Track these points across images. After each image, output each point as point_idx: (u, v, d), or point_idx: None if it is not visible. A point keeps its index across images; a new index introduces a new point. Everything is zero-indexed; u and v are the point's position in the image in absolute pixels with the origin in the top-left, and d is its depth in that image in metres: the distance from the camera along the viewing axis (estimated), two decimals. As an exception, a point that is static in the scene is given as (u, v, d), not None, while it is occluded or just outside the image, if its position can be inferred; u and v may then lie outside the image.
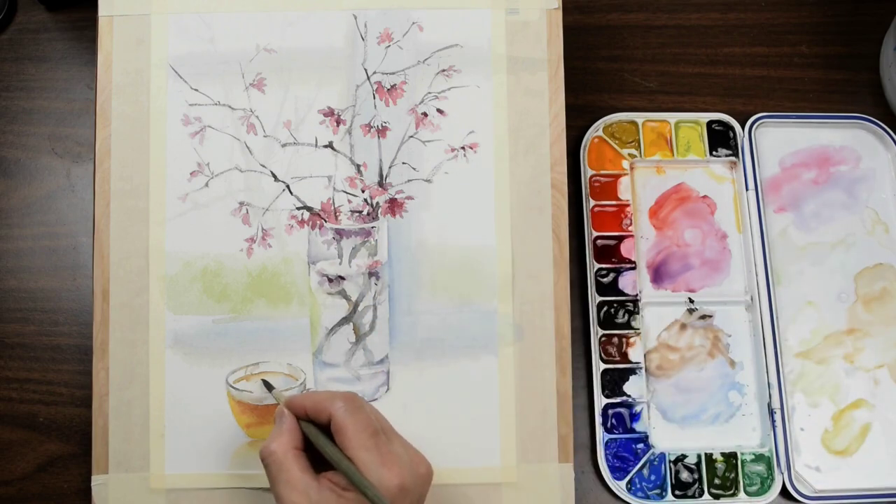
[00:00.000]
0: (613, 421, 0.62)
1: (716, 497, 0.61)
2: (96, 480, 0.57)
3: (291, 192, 0.59)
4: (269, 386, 0.56)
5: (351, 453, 0.48)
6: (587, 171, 0.67)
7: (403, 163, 0.60)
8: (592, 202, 0.66)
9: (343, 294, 0.59)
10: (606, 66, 0.70)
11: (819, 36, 0.72)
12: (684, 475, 0.62)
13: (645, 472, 0.62)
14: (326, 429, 0.50)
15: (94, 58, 0.60)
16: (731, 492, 0.61)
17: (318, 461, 0.50)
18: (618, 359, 0.63)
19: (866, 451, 0.63)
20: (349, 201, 0.59)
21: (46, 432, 0.62)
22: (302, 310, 0.59)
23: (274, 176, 0.59)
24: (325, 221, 0.59)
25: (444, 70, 0.60)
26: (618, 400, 0.63)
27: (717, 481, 0.62)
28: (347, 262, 0.59)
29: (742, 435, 0.63)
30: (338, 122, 0.60)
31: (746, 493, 0.61)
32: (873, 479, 0.63)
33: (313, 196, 0.59)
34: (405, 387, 0.58)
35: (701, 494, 0.61)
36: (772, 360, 0.63)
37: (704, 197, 0.67)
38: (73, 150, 0.67)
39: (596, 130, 0.67)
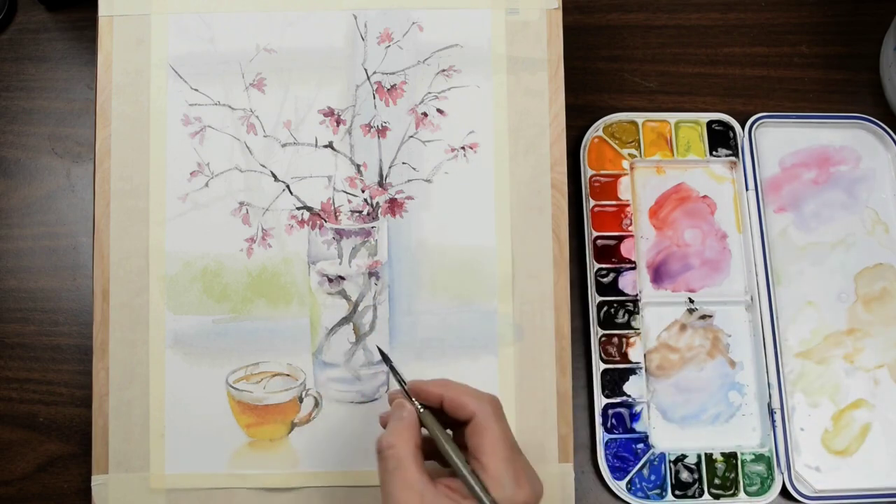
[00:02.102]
0: (613, 421, 0.62)
1: (716, 497, 0.61)
2: (96, 480, 0.57)
3: (291, 192, 0.59)
4: (387, 359, 0.51)
5: (486, 460, 0.46)
6: (587, 171, 0.67)
7: (403, 163, 0.60)
8: (592, 202, 0.66)
9: (343, 294, 0.59)
10: (606, 66, 0.70)
11: (819, 36, 0.72)
12: (684, 475, 0.62)
13: (645, 472, 0.62)
14: (449, 424, 0.48)
15: (94, 58, 0.60)
16: (731, 492, 0.61)
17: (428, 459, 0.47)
18: (618, 359, 0.63)
19: (866, 451, 0.63)
20: (349, 201, 0.59)
21: (46, 432, 0.62)
22: (302, 310, 0.59)
23: (274, 176, 0.59)
24: (325, 221, 0.59)
25: (444, 70, 0.60)
26: (618, 400, 0.63)
27: (717, 481, 0.62)
28: (347, 262, 0.59)
29: (742, 435, 0.63)
30: (338, 122, 0.60)
31: (746, 493, 0.61)
32: (873, 479, 0.63)
33: (313, 196, 0.59)
34: (405, 387, 0.58)
35: (701, 494, 0.61)
36: (772, 360, 0.63)
37: (704, 197, 0.67)
38: (73, 150, 0.67)
39: (596, 130, 0.67)
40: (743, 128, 0.68)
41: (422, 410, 0.48)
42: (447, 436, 0.47)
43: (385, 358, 0.52)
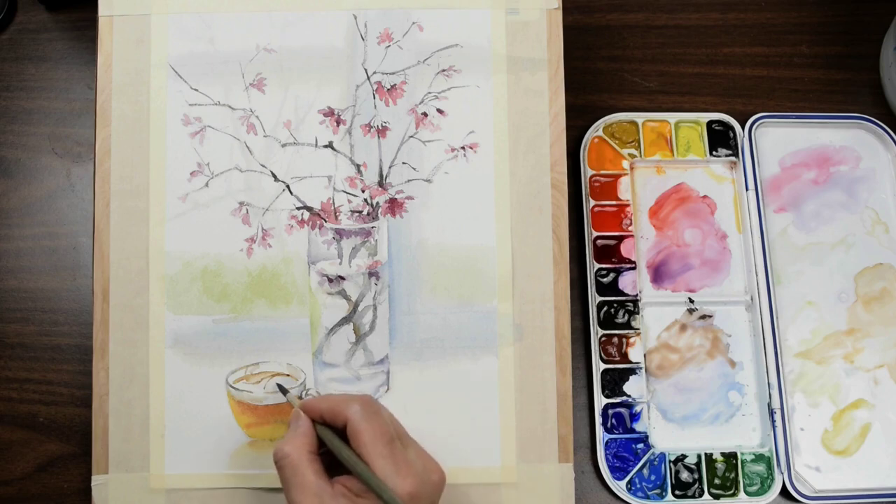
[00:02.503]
0: (613, 421, 0.62)
1: (716, 497, 0.61)
2: (96, 480, 0.57)
3: (291, 192, 0.59)
4: (283, 389, 0.56)
5: (365, 459, 0.48)
6: (587, 171, 0.67)
7: (403, 163, 0.60)
8: (592, 202, 0.66)
9: (343, 294, 0.59)
10: (606, 66, 0.70)
11: (819, 36, 0.72)
12: (684, 475, 0.62)
13: (645, 472, 0.62)
14: (342, 433, 0.50)
15: (94, 58, 0.60)
16: (731, 492, 0.61)
17: (330, 466, 0.50)
18: (618, 359, 0.63)
19: (866, 451, 0.63)
20: (349, 201, 0.59)
21: (46, 432, 0.62)
22: (302, 310, 0.59)
23: (274, 176, 0.59)
24: (325, 221, 0.59)
25: (444, 70, 0.60)
26: (618, 400, 0.63)
27: (717, 481, 0.62)
28: (347, 262, 0.59)
29: (742, 435, 0.63)
30: (338, 122, 0.60)
31: (746, 493, 0.61)
32: (873, 479, 0.63)
33: (313, 196, 0.59)
34: (405, 387, 0.58)
35: (701, 494, 0.61)
36: (772, 360, 0.63)
37: (704, 197, 0.67)
38: (73, 150, 0.67)
39: (596, 130, 0.67)
40: (743, 128, 0.68)
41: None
42: (337, 438, 0.50)
43: (281, 388, 0.55)
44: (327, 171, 0.59)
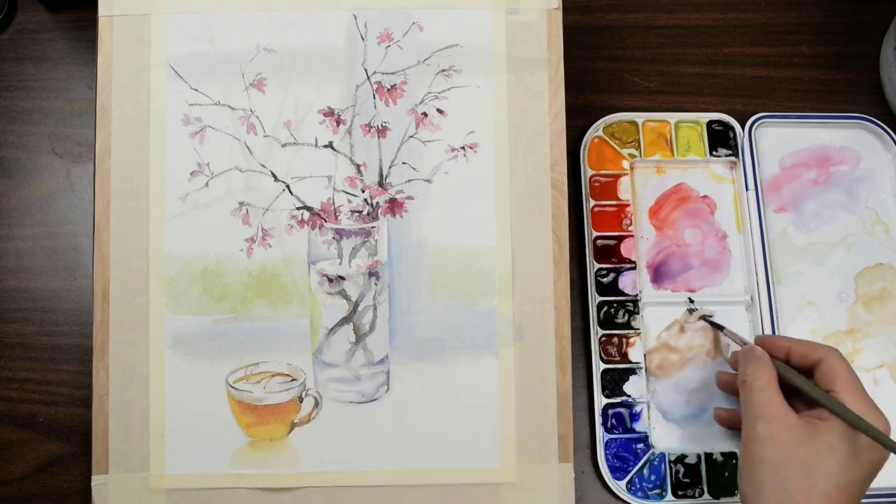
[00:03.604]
0: (613, 421, 0.62)
1: (716, 497, 0.61)
2: (96, 480, 0.57)
3: (291, 192, 0.59)
4: (717, 326, 0.60)
5: (843, 395, 0.51)
6: (587, 171, 0.67)
7: (403, 163, 0.60)
8: (592, 202, 0.66)
9: (343, 294, 0.59)
10: (606, 66, 0.70)
11: (819, 36, 0.72)
12: (684, 475, 0.62)
13: (645, 472, 0.62)
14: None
15: (94, 58, 0.60)
16: (732, 492, 0.61)
17: None
18: (618, 359, 0.63)
19: (866, 451, 0.63)
20: (349, 201, 0.59)
21: (46, 432, 0.62)
22: (302, 310, 0.59)
23: (274, 176, 0.59)
24: (325, 221, 0.59)
25: (444, 70, 0.60)
26: (618, 400, 0.63)
27: (717, 481, 0.62)
28: (347, 262, 0.59)
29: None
30: (338, 122, 0.60)
31: (746, 493, 0.61)
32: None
33: (313, 196, 0.59)
34: (405, 387, 0.58)
35: (701, 494, 0.61)
36: (772, 360, 0.63)
37: (704, 197, 0.67)
38: (73, 150, 0.67)
39: (596, 130, 0.67)
40: (743, 128, 0.68)
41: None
42: (798, 374, 0.54)
43: (714, 324, 0.62)
44: (327, 171, 0.59)
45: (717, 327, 0.62)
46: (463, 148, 0.60)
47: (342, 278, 0.59)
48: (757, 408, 0.52)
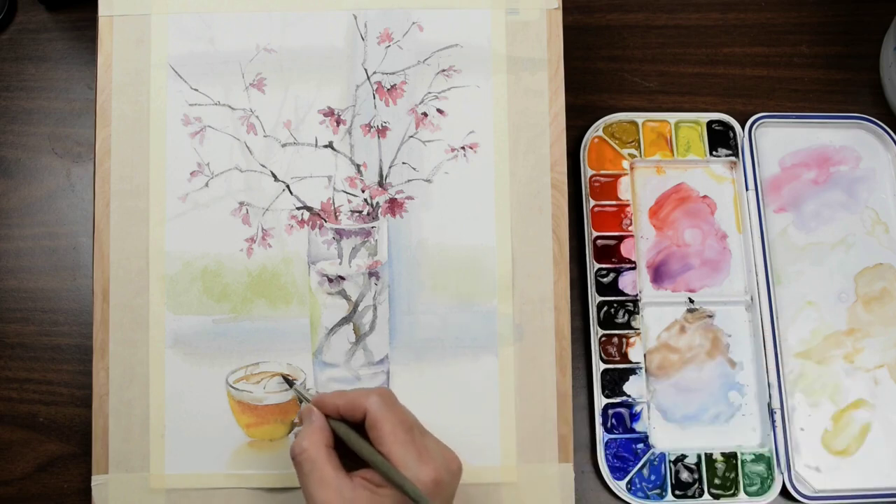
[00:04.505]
0: (613, 421, 0.62)
1: (716, 497, 0.61)
2: (96, 480, 0.57)
3: (291, 192, 0.59)
4: (289, 381, 0.56)
5: (386, 448, 0.48)
6: (587, 171, 0.67)
7: (403, 163, 0.60)
8: (592, 202, 0.66)
9: (343, 294, 0.59)
10: (606, 66, 0.70)
11: (819, 36, 0.72)
12: (684, 475, 0.62)
13: (645, 472, 0.62)
14: (357, 427, 0.50)
15: (94, 58, 0.60)
16: (731, 492, 0.61)
17: (347, 460, 0.49)
18: (618, 359, 0.63)
19: (866, 451, 0.63)
20: (349, 201, 0.59)
21: (46, 432, 0.62)
22: (302, 310, 0.59)
23: (274, 176, 0.59)
24: (325, 221, 0.59)
25: (444, 70, 0.60)
26: (618, 400, 0.63)
27: (717, 481, 0.62)
28: (347, 262, 0.59)
29: (742, 435, 0.63)
30: (338, 122, 0.60)
31: (746, 493, 0.61)
32: (873, 479, 0.63)
33: (313, 196, 0.59)
34: (405, 387, 0.58)
35: (701, 494, 0.61)
36: (772, 361, 0.63)
37: (704, 197, 0.67)
38: (73, 150, 0.67)
39: (596, 130, 0.67)
40: (743, 128, 0.68)
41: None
42: (353, 432, 0.50)
43: (287, 381, 0.56)
44: (327, 171, 0.59)
45: (289, 383, 0.56)
46: (463, 148, 0.60)
47: (342, 278, 0.59)
48: (310, 479, 0.48)
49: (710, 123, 0.68)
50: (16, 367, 0.63)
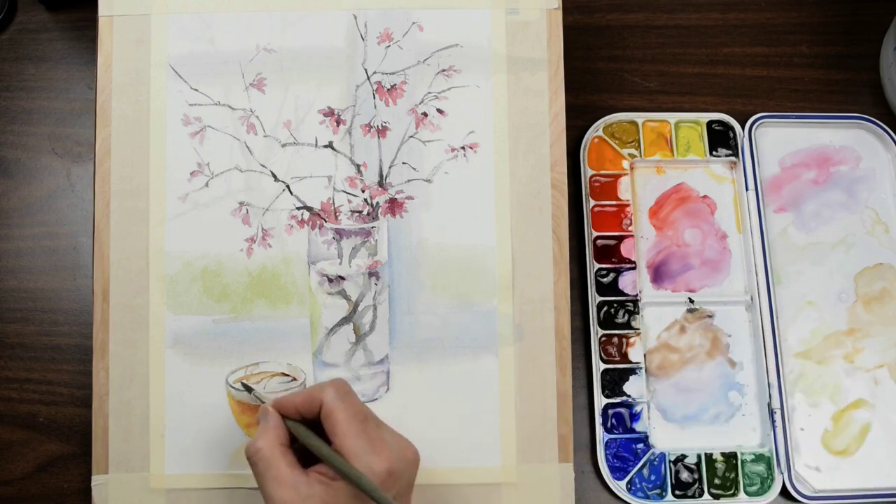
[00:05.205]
0: (613, 421, 0.62)
1: (716, 497, 0.61)
2: (96, 480, 0.57)
3: (291, 192, 0.59)
4: (247, 387, 0.56)
5: (340, 440, 0.48)
6: (587, 171, 0.67)
7: (403, 163, 0.60)
8: (592, 202, 0.66)
9: (343, 294, 0.59)
10: (606, 66, 0.70)
11: (819, 36, 0.72)
12: (684, 475, 0.62)
13: (645, 472, 0.62)
14: (313, 424, 0.50)
15: (94, 58, 0.60)
16: (731, 492, 0.61)
17: (305, 459, 0.50)
18: (618, 359, 0.63)
19: (866, 451, 0.63)
20: (349, 201, 0.59)
21: (46, 432, 0.62)
22: (302, 310, 0.59)
23: (274, 176, 0.59)
24: (325, 221, 0.59)
25: (444, 70, 0.60)
26: (618, 400, 0.63)
27: (717, 481, 0.62)
28: (347, 262, 0.59)
29: (742, 435, 0.63)
30: (338, 122, 0.60)
31: (746, 493, 0.61)
32: (873, 479, 0.63)
33: (313, 196, 0.59)
34: (405, 387, 0.58)
35: (701, 494, 0.61)
36: (772, 360, 0.63)
37: (704, 197, 0.67)
38: (73, 150, 0.67)
39: (596, 130, 0.67)
40: (743, 128, 0.68)
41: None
42: (305, 429, 0.50)
43: (245, 387, 0.56)
44: (327, 171, 0.59)
45: (247, 389, 0.56)
46: (463, 148, 0.60)
47: (342, 278, 0.59)
48: (266, 478, 0.48)
49: (710, 123, 0.68)
50: (16, 367, 0.63)
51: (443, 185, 0.59)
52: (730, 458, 0.62)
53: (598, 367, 0.63)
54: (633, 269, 0.65)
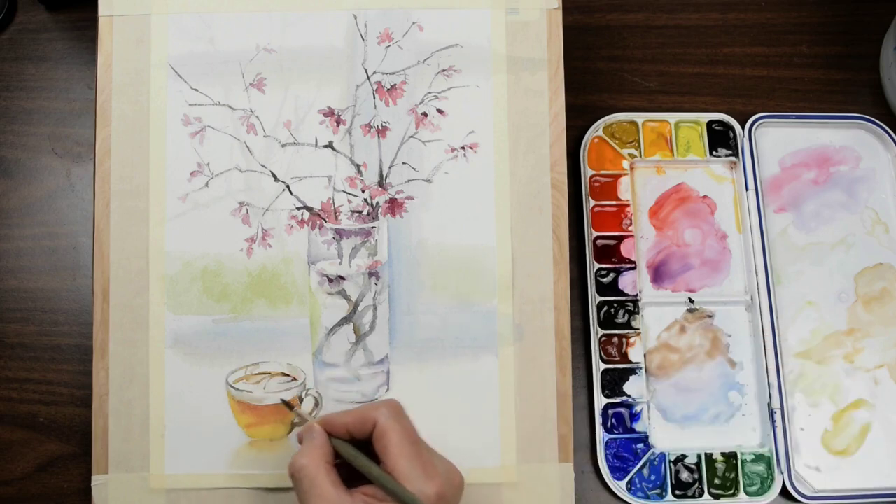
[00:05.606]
0: (613, 421, 0.62)
1: (716, 497, 0.61)
2: (96, 480, 0.57)
3: (291, 192, 0.59)
4: (288, 405, 0.55)
5: (393, 461, 0.47)
6: (587, 171, 0.67)
7: (403, 163, 0.60)
8: (592, 202, 0.66)
9: (343, 294, 0.59)
10: (606, 66, 0.70)
11: (819, 36, 0.72)
12: (684, 475, 0.62)
13: (645, 472, 0.62)
14: (364, 444, 0.49)
15: (94, 58, 0.60)
16: (731, 492, 0.61)
17: (347, 479, 0.49)
18: (618, 359, 0.63)
19: (866, 451, 0.63)
20: (349, 201, 0.59)
21: (46, 432, 0.62)
22: (302, 310, 0.59)
23: (274, 176, 0.59)
24: (325, 221, 0.59)
25: (444, 70, 0.60)
26: (618, 400, 0.63)
27: (717, 481, 0.62)
28: (347, 262, 0.59)
29: (742, 435, 0.63)
30: (338, 122, 0.60)
31: (746, 493, 0.61)
32: (873, 479, 0.63)
33: (313, 196, 0.59)
34: (405, 387, 0.58)
35: (701, 494, 0.61)
36: (772, 360, 0.63)
37: (704, 197, 0.67)
38: (73, 150, 0.67)
39: (596, 130, 0.67)
40: (743, 128, 0.68)
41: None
42: (353, 447, 0.49)
43: (286, 404, 0.55)
44: (327, 171, 0.59)
45: (288, 407, 0.55)
46: (463, 148, 0.60)
47: (342, 278, 0.59)
48: (309, 496, 0.47)
49: (710, 123, 0.68)
50: (16, 367, 0.63)
51: (443, 185, 0.59)
52: (730, 458, 0.62)
53: (598, 367, 0.63)
54: (633, 269, 0.65)
